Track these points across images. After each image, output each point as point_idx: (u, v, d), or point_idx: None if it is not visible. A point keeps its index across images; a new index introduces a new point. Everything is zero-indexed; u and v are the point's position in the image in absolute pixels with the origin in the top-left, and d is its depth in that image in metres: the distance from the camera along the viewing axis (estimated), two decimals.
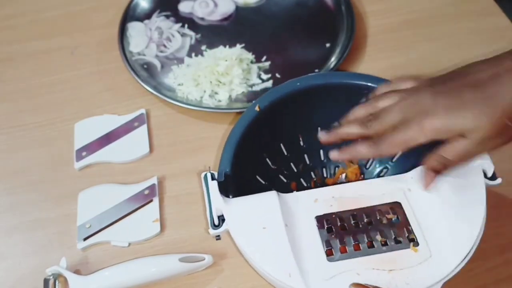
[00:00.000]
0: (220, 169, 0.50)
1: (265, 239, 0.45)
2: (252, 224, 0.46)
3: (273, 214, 0.46)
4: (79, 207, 0.58)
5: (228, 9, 0.77)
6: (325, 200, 0.47)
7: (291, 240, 0.44)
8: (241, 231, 0.46)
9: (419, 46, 0.71)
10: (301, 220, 0.46)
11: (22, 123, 0.67)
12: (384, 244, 0.44)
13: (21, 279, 0.55)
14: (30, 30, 0.78)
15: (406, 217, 0.45)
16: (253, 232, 0.45)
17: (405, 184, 0.47)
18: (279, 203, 0.46)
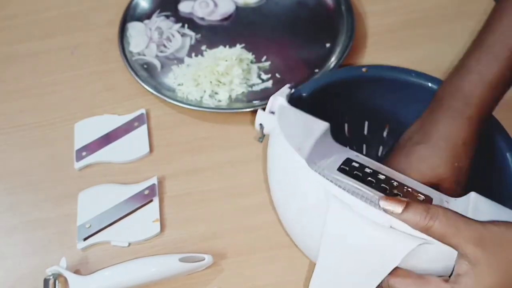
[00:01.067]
0: (300, 87, 0.51)
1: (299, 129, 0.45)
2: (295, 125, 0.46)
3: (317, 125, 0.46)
4: (79, 207, 0.58)
5: (228, 9, 0.77)
6: (364, 159, 0.46)
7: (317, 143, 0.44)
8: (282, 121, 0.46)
9: (419, 46, 0.71)
10: (334, 148, 0.46)
11: (22, 123, 0.67)
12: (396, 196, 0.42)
13: (21, 279, 0.55)
14: (30, 30, 0.78)
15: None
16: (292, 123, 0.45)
17: (446, 198, 0.45)
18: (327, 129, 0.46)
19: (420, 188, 0.45)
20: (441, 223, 0.37)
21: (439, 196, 0.45)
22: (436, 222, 0.37)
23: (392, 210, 0.38)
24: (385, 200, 0.38)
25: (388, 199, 0.38)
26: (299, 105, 0.49)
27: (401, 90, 0.54)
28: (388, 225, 0.38)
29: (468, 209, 0.42)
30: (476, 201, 0.43)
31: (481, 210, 0.42)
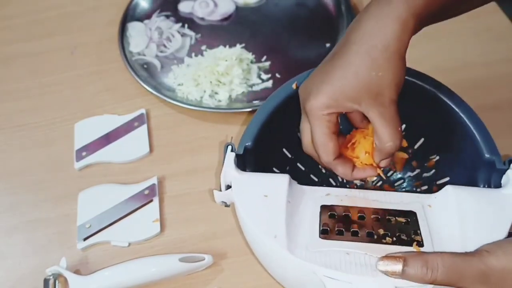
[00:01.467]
0: (241, 142, 0.49)
1: (263, 205, 0.43)
2: (256, 191, 0.45)
3: (279, 188, 0.44)
4: (79, 207, 0.58)
5: (228, 9, 0.77)
6: (337, 196, 0.46)
7: (288, 212, 0.43)
8: (244, 197, 0.45)
9: (419, 46, 0.71)
10: (305, 204, 0.45)
11: (22, 123, 0.67)
12: (384, 237, 0.42)
13: (21, 279, 0.55)
14: (30, 30, 0.78)
15: (418, 223, 0.43)
16: (254, 198, 0.44)
17: (426, 201, 0.45)
18: (288, 183, 0.45)
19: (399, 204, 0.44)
20: (443, 273, 0.37)
21: (421, 203, 0.44)
22: (439, 273, 0.37)
23: (392, 272, 0.38)
24: (382, 262, 0.38)
25: (385, 260, 0.38)
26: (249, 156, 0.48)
27: None
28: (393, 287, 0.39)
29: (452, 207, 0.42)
30: (456, 196, 0.43)
31: (465, 205, 0.42)
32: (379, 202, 0.45)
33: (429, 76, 0.52)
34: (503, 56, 0.68)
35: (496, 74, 0.67)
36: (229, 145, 0.48)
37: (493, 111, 0.63)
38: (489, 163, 0.47)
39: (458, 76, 0.66)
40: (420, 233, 0.42)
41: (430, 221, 0.43)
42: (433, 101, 0.51)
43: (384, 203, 0.45)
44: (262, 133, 0.50)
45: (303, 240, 0.42)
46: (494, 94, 0.65)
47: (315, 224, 0.43)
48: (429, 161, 0.54)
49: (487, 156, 0.47)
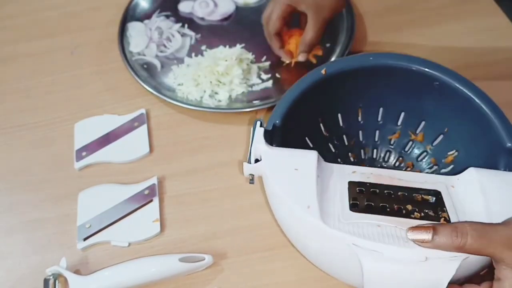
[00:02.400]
0: (270, 119, 0.50)
1: (294, 178, 0.44)
2: (286, 166, 0.45)
3: (308, 164, 0.45)
4: (79, 207, 0.58)
5: (228, 9, 0.77)
6: (363, 173, 0.46)
7: (319, 187, 0.44)
8: (274, 171, 0.45)
9: (419, 46, 0.71)
10: (334, 179, 0.46)
11: (22, 123, 0.67)
12: (412, 213, 0.43)
13: (21, 279, 0.55)
14: (30, 30, 0.78)
15: (443, 202, 0.44)
16: (285, 171, 0.45)
17: (449, 182, 0.46)
18: (317, 160, 0.46)
19: (424, 183, 0.45)
20: (473, 238, 0.38)
21: (444, 183, 0.45)
22: (468, 238, 0.38)
23: (422, 239, 0.39)
24: (412, 231, 0.39)
25: (414, 230, 0.39)
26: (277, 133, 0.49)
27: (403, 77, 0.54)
28: (424, 258, 0.39)
29: (476, 188, 0.43)
30: (479, 177, 0.44)
31: (488, 187, 0.43)
32: (404, 181, 0.46)
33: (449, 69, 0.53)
34: (503, 56, 0.68)
35: (496, 74, 0.67)
36: (258, 120, 0.49)
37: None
38: (510, 151, 0.47)
39: None
40: (446, 210, 0.43)
41: (455, 200, 0.44)
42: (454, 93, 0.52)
43: (409, 181, 0.46)
44: (289, 114, 0.51)
45: (334, 211, 0.42)
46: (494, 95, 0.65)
47: (345, 198, 0.44)
48: (447, 157, 0.55)
49: (508, 145, 0.47)
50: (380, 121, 0.58)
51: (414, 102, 0.55)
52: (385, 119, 0.58)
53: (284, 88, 0.67)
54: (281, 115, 0.51)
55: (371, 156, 0.59)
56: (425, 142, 0.57)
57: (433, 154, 0.56)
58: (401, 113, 0.57)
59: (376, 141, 0.59)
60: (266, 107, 0.64)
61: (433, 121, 0.55)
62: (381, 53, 0.54)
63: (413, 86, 0.54)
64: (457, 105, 0.52)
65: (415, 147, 0.57)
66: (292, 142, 0.50)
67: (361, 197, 0.44)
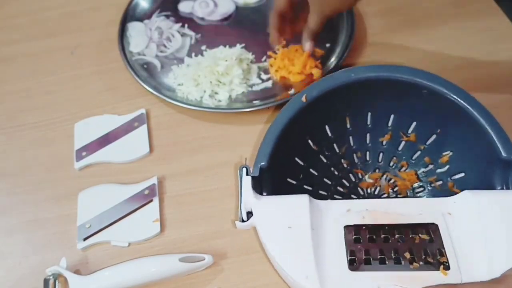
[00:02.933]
0: (256, 164, 0.50)
1: (289, 238, 0.44)
2: (279, 222, 0.45)
3: (302, 216, 0.45)
4: (79, 207, 0.58)
5: (228, 9, 0.77)
6: (358, 212, 0.46)
7: (315, 243, 0.43)
8: (267, 228, 0.45)
9: (419, 46, 0.71)
10: (329, 226, 0.45)
11: (22, 123, 0.67)
12: (411, 262, 0.43)
13: (21, 279, 0.55)
14: (30, 30, 0.78)
15: (441, 239, 0.43)
16: (279, 230, 0.45)
17: (445, 208, 0.45)
18: (309, 206, 0.45)
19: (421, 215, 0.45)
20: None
21: (441, 211, 0.45)
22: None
23: None
24: None
25: None
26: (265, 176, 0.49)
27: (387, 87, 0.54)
28: None
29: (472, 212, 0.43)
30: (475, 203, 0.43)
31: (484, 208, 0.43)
32: (400, 215, 0.45)
33: (439, 77, 0.52)
34: (503, 56, 0.68)
35: (497, 74, 0.67)
36: (243, 167, 0.49)
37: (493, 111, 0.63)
38: (506, 162, 0.47)
39: (458, 76, 0.66)
40: (445, 252, 0.42)
41: (452, 232, 0.43)
42: (445, 100, 0.51)
43: (405, 216, 0.45)
44: (275, 149, 0.51)
45: (333, 273, 0.42)
46: (494, 94, 0.65)
47: (342, 253, 0.44)
48: (442, 157, 0.55)
49: (504, 155, 0.47)
50: (370, 125, 0.57)
51: (404, 105, 0.55)
52: (375, 122, 0.57)
53: (284, 88, 0.67)
54: (267, 155, 0.50)
55: (364, 159, 0.58)
56: (418, 142, 0.56)
57: (427, 153, 0.56)
58: (391, 115, 0.57)
59: (368, 144, 0.58)
60: (266, 107, 0.64)
61: (425, 122, 0.55)
62: (361, 67, 0.54)
63: (400, 93, 0.53)
64: (449, 111, 0.51)
65: (409, 147, 0.57)
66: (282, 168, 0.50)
67: (358, 248, 0.44)
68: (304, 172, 0.56)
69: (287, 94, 0.66)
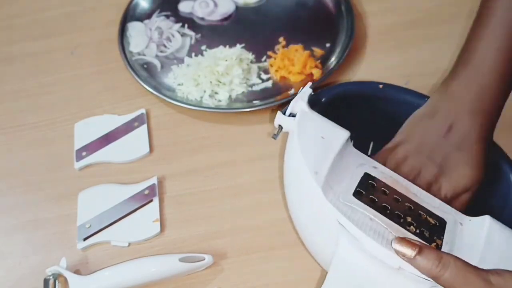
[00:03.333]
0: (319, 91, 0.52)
1: (318, 143, 0.45)
2: (315, 131, 0.46)
3: (336, 138, 0.46)
4: (79, 207, 0.58)
5: (228, 9, 0.77)
6: (382, 172, 0.47)
7: (335, 161, 0.44)
8: (302, 129, 0.46)
9: (419, 46, 0.71)
10: (353, 163, 0.46)
11: (22, 123, 0.67)
12: (409, 225, 0.43)
13: (21, 279, 0.55)
14: (30, 30, 0.78)
15: (444, 232, 0.43)
16: (312, 134, 0.46)
17: (460, 219, 0.45)
18: (346, 140, 0.46)
19: (435, 208, 0.45)
20: (452, 273, 0.37)
21: (454, 217, 0.45)
22: (447, 272, 0.37)
23: (404, 253, 0.38)
24: (398, 242, 0.39)
25: (402, 242, 0.39)
26: (315, 107, 0.49)
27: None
28: (397, 266, 0.39)
29: (481, 235, 0.43)
30: (490, 228, 0.43)
31: (494, 239, 0.42)
32: (418, 197, 0.46)
33: None
34: None
35: None
36: (311, 86, 0.50)
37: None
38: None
39: None
40: (442, 238, 0.42)
41: (457, 236, 0.43)
42: None
43: (422, 200, 0.45)
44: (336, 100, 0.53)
45: (338, 189, 0.43)
46: None
47: (354, 182, 0.44)
48: None
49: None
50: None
51: None
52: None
53: (284, 88, 0.67)
54: (330, 95, 0.53)
55: None
56: None
57: None
58: None
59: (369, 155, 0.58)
60: (266, 107, 0.64)
61: None
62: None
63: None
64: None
65: None
66: None
67: (369, 190, 0.44)
68: None
69: (287, 94, 0.66)
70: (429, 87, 0.64)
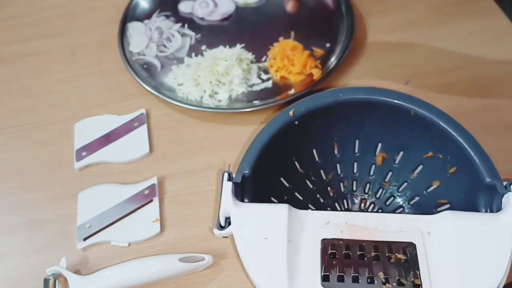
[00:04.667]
0: (239, 170, 0.49)
1: (264, 249, 0.44)
2: (256, 232, 0.45)
3: (279, 227, 0.45)
4: (79, 207, 0.58)
5: (228, 9, 0.77)
6: (336, 225, 0.46)
7: (290, 256, 0.43)
8: (244, 237, 0.45)
9: (419, 46, 0.71)
10: (306, 239, 0.45)
11: (22, 123, 0.67)
12: (384, 283, 0.42)
13: (21, 279, 0.55)
14: (30, 30, 0.78)
15: (417, 260, 0.43)
16: (255, 241, 0.44)
17: (426, 227, 0.45)
18: (288, 217, 0.45)
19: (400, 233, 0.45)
20: None
21: (420, 229, 0.45)
22: None
23: None
24: None
25: None
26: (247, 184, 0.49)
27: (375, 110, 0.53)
28: None
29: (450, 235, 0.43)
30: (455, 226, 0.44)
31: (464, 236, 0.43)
32: (379, 231, 0.45)
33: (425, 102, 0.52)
34: (503, 56, 0.68)
35: (496, 74, 0.67)
36: (226, 172, 0.48)
37: (493, 111, 0.63)
38: (490, 187, 0.47)
39: (458, 76, 0.67)
40: (419, 274, 0.42)
41: (429, 253, 0.43)
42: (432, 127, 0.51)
43: (384, 232, 0.45)
44: (260, 160, 0.50)
45: (305, 284, 0.42)
46: (493, 94, 0.65)
47: (317, 268, 0.43)
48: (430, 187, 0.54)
49: (488, 180, 0.47)
50: (357, 153, 0.57)
51: (391, 132, 0.54)
52: (362, 150, 0.57)
53: (284, 88, 0.67)
54: (250, 164, 0.49)
55: (351, 189, 0.57)
56: (406, 172, 0.55)
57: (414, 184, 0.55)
58: (379, 143, 0.56)
59: (355, 173, 0.57)
60: (266, 107, 0.64)
61: (412, 151, 0.54)
62: (350, 88, 0.54)
63: (387, 119, 0.53)
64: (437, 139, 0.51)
65: (396, 177, 0.56)
66: (266, 185, 0.49)
67: (333, 264, 0.44)
68: (289, 194, 0.55)
69: (287, 94, 0.66)
70: (429, 87, 0.64)
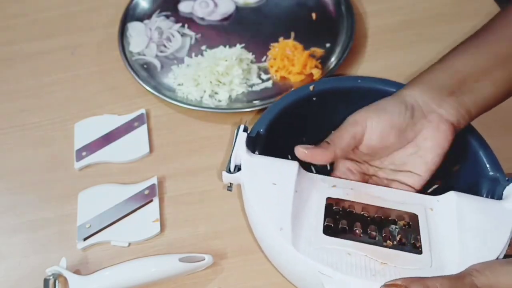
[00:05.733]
0: (255, 126, 0.50)
1: (272, 193, 0.44)
2: (265, 178, 0.45)
3: (288, 177, 0.45)
4: (79, 207, 0.58)
5: (228, 9, 0.77)
6: (343, 188, 0.46)
7: (295, 203, 0.44)
8: (252, 181, 0.45)
9: (419, 46, 0.71)
10: (312, 194, 0.45)
11: (22, 123, 0.67)
12: (385, 240, 0.43)
13: (21, 279, 0.55)
14: (30, 30, 0.78)
15: (419, 228, 0.43)
16: (263, 186, 0.45)
17: (429, 204, 0.45)
18: (297, 171, 0.46)
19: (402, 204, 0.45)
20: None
21: (422, 205, 0.45)
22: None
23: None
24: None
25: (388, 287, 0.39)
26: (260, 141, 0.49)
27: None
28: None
29: (453, 213, 0.44)
30: (458, 203, 0.44)
31: (465, 214, 0.43)
32: (383, 200, 0.46)
33: None
34: None
35: None
36: (242, 125, 0.49)
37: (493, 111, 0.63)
38: (493, 179, 0.48)
39: None
40: (419, 238, 0.43)
41: (431, 225, 0.44)
42: None
43: (388, 201, 0.46)
44: (275, 125, 0.51)
45: (307, 234, 0.42)
46: None
47: (320, 218, 0.44)
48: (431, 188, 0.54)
49: (491, 173, 0.48)
50: None
51: None
52: None
53: (284, 88, 0.67)
54: (267, 124, 0.50)
55: None
56: None
57: None
58: None
59: None
60: (266, 107, 0.64)
61: None
62: (370, 78, 0.55)
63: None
64: None
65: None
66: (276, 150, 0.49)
67: (336, 218, 0.44)
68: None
69: None
70: None
